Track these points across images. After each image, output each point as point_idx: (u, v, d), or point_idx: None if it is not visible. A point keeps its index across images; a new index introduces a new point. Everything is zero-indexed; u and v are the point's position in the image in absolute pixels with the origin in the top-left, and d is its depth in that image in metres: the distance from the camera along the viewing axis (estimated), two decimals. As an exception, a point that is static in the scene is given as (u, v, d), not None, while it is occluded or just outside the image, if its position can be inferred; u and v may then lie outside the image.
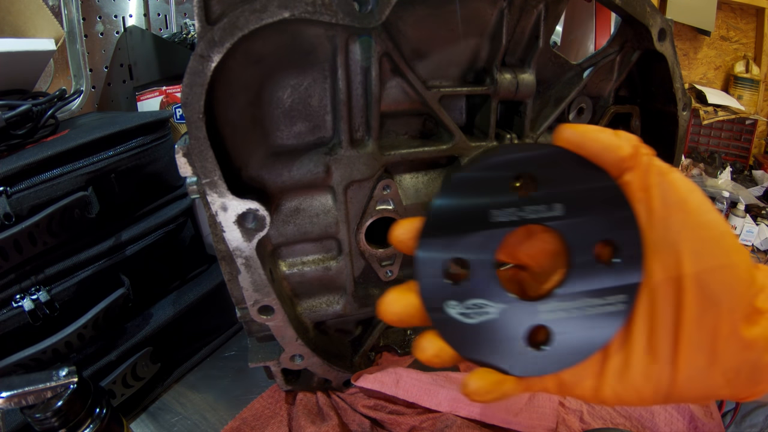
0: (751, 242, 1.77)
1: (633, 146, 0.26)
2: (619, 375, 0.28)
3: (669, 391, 0.27)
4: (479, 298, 0.27)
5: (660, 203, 0.26)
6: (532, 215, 0.26)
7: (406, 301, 0.28)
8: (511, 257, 0.31)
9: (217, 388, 0.59)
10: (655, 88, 0.51)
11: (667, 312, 0.26)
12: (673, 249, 0.26)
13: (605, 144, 0.26)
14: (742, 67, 2.07)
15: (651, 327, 0.27)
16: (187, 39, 0.88)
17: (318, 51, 0.36)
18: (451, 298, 0.27)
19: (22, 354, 0.45)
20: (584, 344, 0.27)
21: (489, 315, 0.27)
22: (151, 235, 0.58)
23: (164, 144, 0.59)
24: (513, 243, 0.30)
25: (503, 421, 0.50)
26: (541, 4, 0.41)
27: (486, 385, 0.27)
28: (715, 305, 0.26)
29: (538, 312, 0.27)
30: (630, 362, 0.27)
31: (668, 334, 0.26)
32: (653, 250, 0.27)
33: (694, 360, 0.26)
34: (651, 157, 0.27)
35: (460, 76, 0.43)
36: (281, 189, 0.41)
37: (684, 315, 0.26)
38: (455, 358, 0.28)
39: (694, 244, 0.26)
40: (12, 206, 0.44)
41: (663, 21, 0.45)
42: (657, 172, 0.26)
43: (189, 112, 0.31)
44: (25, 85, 0.66)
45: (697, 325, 0.26)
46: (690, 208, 0.26)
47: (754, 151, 2.07)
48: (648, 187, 0.26)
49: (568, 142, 0.27)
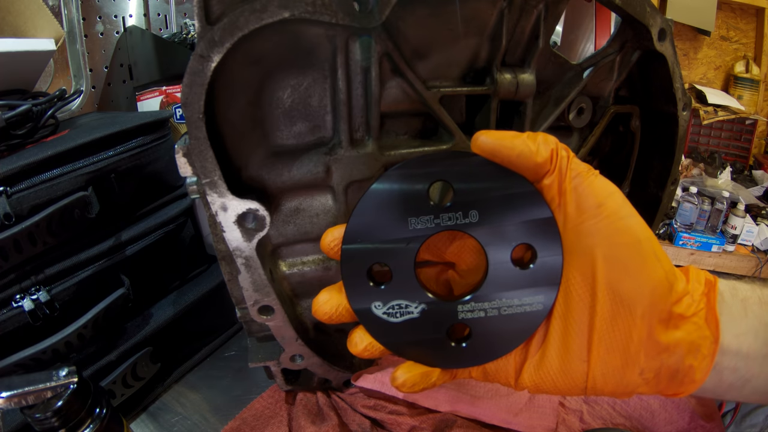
0: (751, 242, 1.77)
1: (550, 150, 0.26)
2: (537, 367, 0.29)
3: (585, 386, 0.28)
4: (401, 300, 0.29)
5: (574, 208, 0.26)
6: (447, 222, 0.28)
7: (336, 301, 0.30)
8: (436, 256, 0.32)
9: (217, 388, 0.59)
10: (655, 88, 0.51)
11: (581, 315, 0.27)
12: (588, 254, 0.26)
13: (519, 151, 0.26)
14: (742, 67, 2.07)
15: (566, 327, 0.28)
16: (187, 39, 0.88)
17: (318, 51, 0.36)
18: (376, 300, 0.29)
19: (22, 354, 0.45)
20: (503, 340, 0.29)
21: (411, 314, 0.29)
22: (151, 235, 0.58)
23: (164, 144, 0.59)
24: (437, 243, 0.32)
25: (503, 421, 0.50)
26: (541, 4, 0.41)
27: (413, 377, 0.29)
28: (628, 310, 0.26)
29: (458, 312, 0.29)
30: (546, 358, 0.28)
31: (582, 335, 0.27)
32: (569, 253, 0.27)
33: (607, 360, 0.27)
34: (570, 160, 0.27)
35: (460, 76, 0.43)
36: (281, 189, 0.41)
37: (596, 319, 0.27)
38: (384, 352, 0.30)
39: (607, 251, 0.26)
40: (12, 206, 0.44)
41: (663, 21, 0.45)
42: (574, 174, 0.26)
43: (189, 112, 0.31)
44: (25, 85, 0.66)
45: (609, 328, 0.27)
46: (605, 213, 0.26)
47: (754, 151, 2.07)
48: (564, 191, 0.26)
49: (483, 150, 0.27)
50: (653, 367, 0.27)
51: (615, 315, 0.26)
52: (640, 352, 0.26)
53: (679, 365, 0.27)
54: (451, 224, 0.28)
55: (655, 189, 0.55)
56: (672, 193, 0.55)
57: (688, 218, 1.76)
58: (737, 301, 0.27)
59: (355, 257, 0.28)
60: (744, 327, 0.27)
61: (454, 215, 0.28)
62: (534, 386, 0.29)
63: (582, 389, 0.28)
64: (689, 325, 0.27)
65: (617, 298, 0.26)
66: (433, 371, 0.30)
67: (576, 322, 0.27)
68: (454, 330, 0.29)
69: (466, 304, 0.29)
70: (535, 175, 0.27)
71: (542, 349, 0.29)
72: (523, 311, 0.28)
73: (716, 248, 1.76)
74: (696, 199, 1.75)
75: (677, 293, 0.27)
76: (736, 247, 1.76)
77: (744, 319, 0.27)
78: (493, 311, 0.28)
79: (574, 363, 0.27)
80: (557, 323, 0.28)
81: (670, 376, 0.27)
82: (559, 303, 0.28)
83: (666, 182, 0.53)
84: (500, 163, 0.27)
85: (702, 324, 0.27)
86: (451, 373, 0.30)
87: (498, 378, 0.30)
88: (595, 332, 0.27)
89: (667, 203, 0.55)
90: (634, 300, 0.26)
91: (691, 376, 0.27)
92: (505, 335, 0.29)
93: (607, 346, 0.27)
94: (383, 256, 0.28)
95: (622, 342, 0.27)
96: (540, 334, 0.29)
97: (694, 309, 0.27)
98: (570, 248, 0.27)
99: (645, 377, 0.27)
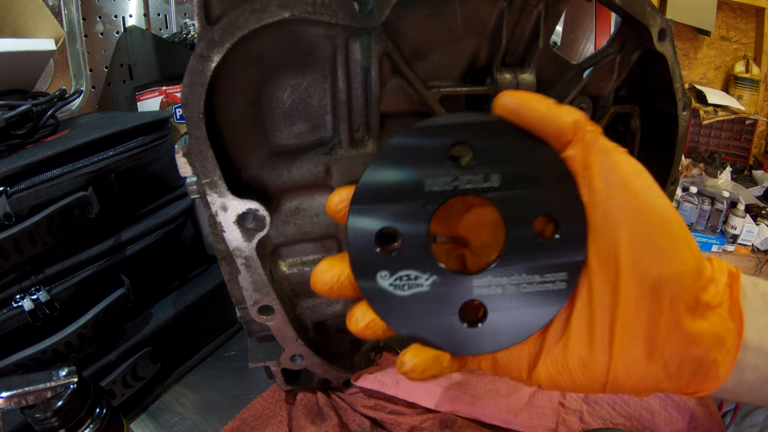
0: (751, 242, 1.77)
1: (575, 119, 0.25)
2: (556, 359, 0.26)
3: (605, 380, 0.26)
4: (410, 269, 0.26)
5: (601, 183, 0.25)
6: (467, 185, 0.25)
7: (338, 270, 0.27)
8: (449, 230, 0.30)
9: (217, 388, 0.59)
10: (655, 88, 0.51)
11: (605, 298, 0.25)
12: (613, 233, 0.24)
13: (543, 113, 0.25)
14: (742, 67, 2.07)
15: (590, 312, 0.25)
16: (187, 39, 0.88)
17: (318, 51, 0.36)
18: (383, 269, 0.26)
19: (22, 354, 0.45)
20: (521, 324, 0.26)
21: (420, 287, 0.26)
22: (151, 235, 0.58)
23: (164, 144, 0.59)
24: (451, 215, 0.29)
25: (503, 421, 0.50)
26: (541, 4, 0.41)
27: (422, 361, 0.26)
28: (655, 295, 0.24)
29: (473, 286, 0.26)
30: (568, 347, 0.26)
31: (605, 322, 0.25)
32: (593, 231, 0.25)
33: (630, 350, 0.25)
34: (596, 134, 0.25)
35: (460, 76, 0.43)
36: (281, 189, 0.41)
37: (620, 303, 0.25)
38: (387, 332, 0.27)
39: (634, 230, 0.24)
40: (12, 206, 0.44)
41: (663, 21, 0.45)
42: (601, 150, 0.25)
43: (189, 112, 0.31)
44: (25, 85, 0.66)
45: (633, 315, 0.24)
46: (633, 192, 0.24)
47: (754, 151, 2.07)
48: (589, 165, 0.25)
49: (506, 110, 0.25)
50: (677, 360, 0.25)
51: (640, 300, 0.24)
52: (666, 343, 0.24)
53: (704, 359, 0.25)
54: (471, 188, 0.25)
55: (655, 189, 0.55)
56: (672, 193, 0.54)
57: (688, 218, 1.76)
58: (758, 296, 0.26)
59: (362, 218, 0.25)
60: (765, 322, 0.25)
61: (474, 178, 0.25)
62: (549, 381, 0.26)
63: (602, 384, 0.26)
64: (714, 317, 0.25)
65: (644, 281, 0.24)
66: (442, 356, 0.26)
67: (599, 307, 0.25)
68: (467, 311, 0.27)
69: (482, 278, 0.26)
70: (558, 144, 0.25)
71: (564, 337, 0.26)
72: (544, 289, 0.26)
73: (716, 248, 1.76)
74: (696, 199, 1.75)
75: (705, 279, 0.25)
76: (736, 247, 1.76)
77: (764, 314, 0.26)
78: (512, 287, 0.26)
79: (597, 354, 0.25)
80: (582, 306, 0.26)
81: (694, 371, 0.25)
82: (583, 284, 0.26)
83: (666, 182, 0.53)
84: (522, 126, 0.25)
85: (726, 316, 0.25)
86: (460, 362, 0.27)
87: (509, 370, 0.27)
88: (619, 319, 0.24)
89: (667, 203, 0.55)
90: (662, 284, 0.24)
91: (714, 372, 0.25)
92: (523, 318, 0.26)
93: (632, 334, 0.25)
94: (395, 218, 0.25)
95: (648, 330, 0.24)
96: (559, 321, 0.26)
97: (719, 299, 0.25)
98: (594, 227, 0.25)
99: (668, 371, 0.25)
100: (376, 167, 0.25)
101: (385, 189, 0.25)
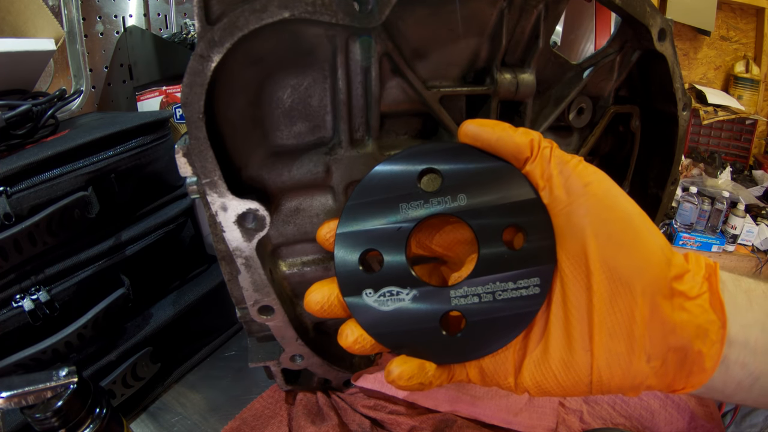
0: (751, 242, 1.77)
1: (531, 137, 0.27)
2: (539, 363, 0.27)
3: (589, 380, 0.26)
4: (392, 286, 0.29)
5: (562, 190, 0.26)
6: (437, 206, 0.28)
7: (327, 290, 0.30)
8: (427, 250, 0.32)
9: (217, 388, 0.59)
10: (655, 88, 0.51)
11: (579, 297, 0.26)
12: (579, 234, 0.26)
13: (498, 135, 0.27)
14: (742, 67, 2.07)
15: (566, 314, 0.27)
16: (187, 39, 0.88)
17: (318, 51, 0.36)
18: (367, 287, 0.29)
19: (22, 354, 0.45)
20: (500, 330, 0.28)
21: (402, 302, 0.28)
22: (151, 235, 0.58)
23: (164, 144, 0.59)
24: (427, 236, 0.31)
25: (503, 421, 0.50)
26: (541, 4, 0.41)
27: (407, 369, 0.28)
28: (626, 287, 0.25)
29: (450, 297, 0.28)
30: (548, 350, 0.27)
31: (582, 319, 0.26)
32: (560, 235, 0.27)
33: (611, 346, 0.26)
34: (552, 148, 0.27)
35: (460, 76, 0.43)
36: (281, 189, 0.41)
37: (594, 299, 0.26)
38: (376, 347, 0.29)
39: (598, 228, 0.25)
40: (12, 206, 0.44)
41: (663, 21, 0.45)
42: (558, 161, 0.27)
43: (189, 112, 0.31)
44: (25, 85, 0.66)
45: (609, 309, 0.25)
46: (593, 194, 0.26)
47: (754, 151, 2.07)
48: (549, 176, 0.27)
49: (468, 136, 0.28)
50: (660, 352, 0.26)
51: (614, 294, 0.25)
52: (645, 335, 0.25)
53: (688, 350, 0.25)
54: (441, 208, 0.28)
55: (655, 189, 0.55)
56: (672, 193, 0.55)
57: (688, 218, 1.76)
58: (741, 292, 0.27)
59: (347, 243, 0.29)
60: (750, 318, 0.26)
61: (443, 199, 0.28)
62: (535, 385, 0.27)
63: (587, 385, 0.27)
64: (694, 308, 0.25)
65: (614, 275, 0.25)
66: (427, 365, 0.28)
67: (575, 306, 0.26)
68: (448, 322, 0.29)
69: (458, 289, 0.28)
70: (517, 162, 0.28)
71: (543, 341, 0.27)
72: (519, 295, 0.27)
73: (716, 248, 1.76)
74: (696, 199, 1.75)
75: (676, 268, 0.26)
76: (736, 247, 1.76)
77: (749, 310, 0.26)
78: (488, 296, 0.28)
79: (578, 353, 0.26)
80: (557, 310, 0.27)
81: (679, 364, 0.26)
82: (557, 289, 0.27)
83: (666, 182, 0.53)
84: (484, 149, 0.28)
85: (707, 307, 0.26)
86: (448, 374, 0.29)
87: (497, 378, 0.29)
88: (595, 315, 0.26)
89: (667, 203, 0.55)
90: (632, 275, 0.25)
91: (700, 364, 0.26)
92: (502, 324, 0.28)
93: (610, 329, 0.25)
94: (375, 240, 0.29)
95: (625, 324, 0.25)
96: (539, 325, 0.28)
97: (697, 290, 0.26)
98: (560, 231, 0.27)
99: (653, 365, 0.26)
100: (355, 198, 0.29)
101: (365, 215, 0.29)
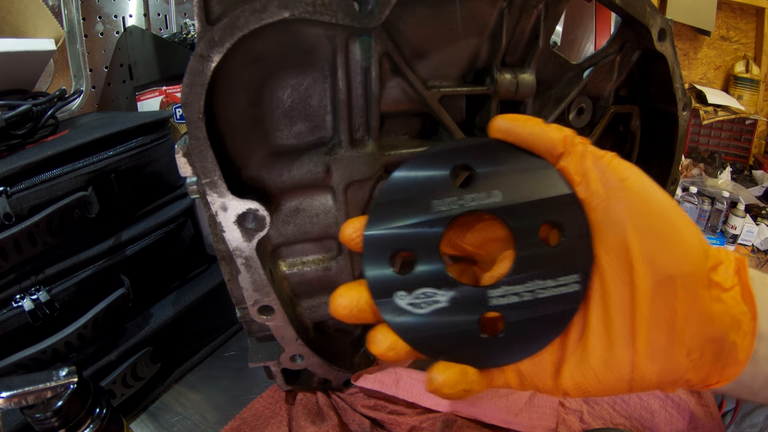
0: (751, 242, 1.77)
1: (565, 134, 0.27)
2: (578, 363, 0.27)
3: (631, 377, 0.26)
4: (427, 287, 0.27)
5: (599, 185, 0.26)
6: (472, 203, 0.27)
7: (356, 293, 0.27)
8: (458, 249, 0.31)
9: (217, 388, 0.59)
10: (655, 88, 0.51)
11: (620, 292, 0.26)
12: (618, 229, 0.26)
13: (530, 130, 0.27)
14: (742, 67, 2.07)
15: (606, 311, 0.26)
16: (187, 39, 0.88)
17: (318, 51, 0.36)
18: (399, 289, 0.27)
19: (22, 354, 0.45)
20: (541, 331, 0.27)
21: (438, 304, 0.27)
22: (151, 235, 0.58)
23: (164, 144, 0.59)
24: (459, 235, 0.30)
25: (503, 421, 0.50)
26: (541, 4, 0.41)
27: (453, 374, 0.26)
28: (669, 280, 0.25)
29: (489, 297, 0.27)
30: (588, 348, 0.26)
31: (624, 315, 0.26)
32: (597, 231, 0.26)
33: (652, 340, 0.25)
34: (586, 144, 0.27)
35: (460, 76, 0.43)
36: (281, 189, 0.41)
37: (637, 293, 0.25)
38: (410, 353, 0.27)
39: (638, 221, 0.25)
40: (12, 206, 0.44)
41: (663, 21, 0.45)
42: (594, 156, 0.26)
43: (189, 112, 0.31)
44: (25, 85, 0.66)
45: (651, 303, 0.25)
46: (630, 188, 0.26)
47: (754, 151, 2.07)
48: (585, 171, 0.26)
49: (500, 131, 0.28)
50: (699, 344, 0.25)
51: (656, 287, 0.25)
52: (685, 328, 0.25)
53: (724, 341, 0.25)
54: (475, 205, 0.27)
55: (655, 189, 0.55)
56: (672, 193, 0.55)
57: (688, 218, 1.75)
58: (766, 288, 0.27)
59: (376, 244, 0.27)
60: None
61: (478, 195, 0.27)
62: (575, 386, 0.27)
63: (629, 382, 0.26)
64: (729, 299, 0.26)
65: (656, 269, 0.25)
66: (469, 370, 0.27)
67: (616, 302, 0.26)
68: (487, 324, 0.27)
69: (497, 288, 0.27)
70: (551, 157, 0.27)
71: (583, 340, 0.27)
72: (559, 293, 0.26)
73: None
74: (696, 199, 1.75)
75: (712, 259, 0.26)
76: (736, 247, 1.76)
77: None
78: (527, 295, 0.27)
79: (619, 350, 0.26)
80: (596, 307, 0.26)
81: (715, 356, 0.26)
82: (595, 284, 0.27)
83: (666, 182, 0.53)
84: (516, 144, 0.27)
85: (739, 299, 0.26)
86: (487, 379, 0.28)
87: (536, 381, 0.28)
88: (637, 310, 0.25)
89: (667, 203, 0.55)
90: (673, 268, 0.25)
91: (734, 356, 0.26)
92: (543, 323, 0.27)
93: (651, 323, 0.25)
94: (407, 240, 0.27)
95: (667, 316, 0.25)
96: (578, 324, 0.27)
97: (731, 282, 0.26)
98: (599, 227, 0.26)
99: (692, 358, 0.26)
100: (384, 196, 0.27)
101: (395, 213, 0.27)
